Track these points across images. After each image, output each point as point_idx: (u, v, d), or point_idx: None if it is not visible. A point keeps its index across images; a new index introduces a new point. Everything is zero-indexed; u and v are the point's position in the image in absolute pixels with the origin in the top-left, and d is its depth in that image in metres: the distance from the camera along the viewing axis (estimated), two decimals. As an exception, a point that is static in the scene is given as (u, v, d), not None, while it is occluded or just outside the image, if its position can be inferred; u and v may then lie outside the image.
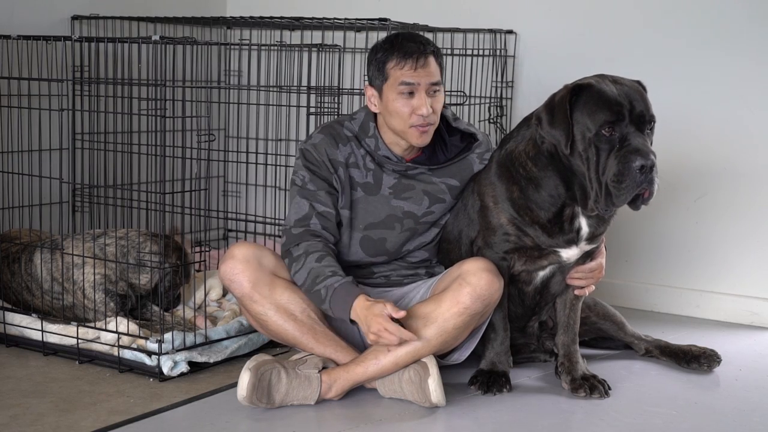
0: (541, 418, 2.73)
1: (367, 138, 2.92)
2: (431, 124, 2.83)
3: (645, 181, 2.57)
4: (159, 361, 2.92)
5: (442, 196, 2.98)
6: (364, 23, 3.78)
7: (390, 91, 2.81)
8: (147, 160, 3.96)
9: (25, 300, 3.34)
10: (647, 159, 2.55)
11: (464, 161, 3.00)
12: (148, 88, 3.14)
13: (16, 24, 3.82)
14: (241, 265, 2.78)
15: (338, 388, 2.74)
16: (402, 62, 2.79)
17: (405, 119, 2.81)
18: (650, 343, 3.28)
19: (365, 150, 2.92)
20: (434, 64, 2.82)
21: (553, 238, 2.81)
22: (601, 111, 2.61)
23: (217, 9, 4.80)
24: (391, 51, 2.81)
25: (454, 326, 2.72)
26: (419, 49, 2.79)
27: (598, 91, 2.64)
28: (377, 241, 2.94)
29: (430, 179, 2.97)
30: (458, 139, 3.00)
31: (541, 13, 4.13)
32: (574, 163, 2.68)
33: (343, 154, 2.91)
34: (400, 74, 2.79)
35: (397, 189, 2.94)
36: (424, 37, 2.87)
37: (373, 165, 2.93)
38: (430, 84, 2.80)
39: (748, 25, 3.74)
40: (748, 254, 3.83)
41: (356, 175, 2.92)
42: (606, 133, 2.60)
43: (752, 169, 3.79)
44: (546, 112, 2.72)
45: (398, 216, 2.94)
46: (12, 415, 2.59)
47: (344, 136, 2.93)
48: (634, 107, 2.61)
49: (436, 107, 2.83)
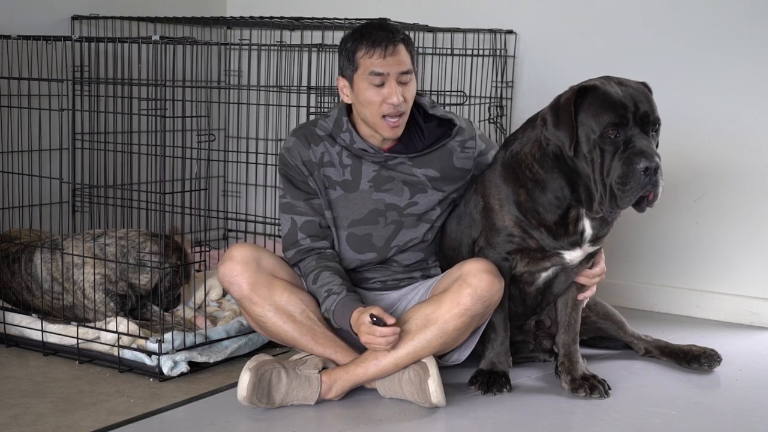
0: (541, 418, 2.73)
1: (342, 133, 2.90)
2: (402, 113, 2.82)
3: (649, 183, 2.56)
4: (159, 361, 2.92)
5: (422, 186, 2.95)
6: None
7: (360, 81, 2.80)
8: (147, 160, 3.96)
9: (25, 300, 3.34)
10: (651, 161, 2.55)
11: (443, 149, 2.96)
12: (148, 88, 3.14)
13: (16, 24, 3.82)
14: (240, 267, 2.78)
15: (338, 389, 2.73)
16: (371, 51, 2.77)
17: (376, 108, 2.79)
18: (650, 343, 3.28)
19: (341, 146, 2.91)
20: (404, 52, 2.80)
21: (558, 241, 2.81)
22: (605, 113, 2.60)
23: (217, 9, 4.80)
24: (360, 40, 2.80)
25: (455, 327, 2.72)
26: (388, 38, 2.78)
27: (603, 93, 2.63)
28: (362, 237, 2.93)
29: (411, 170, 2.93)
30: (435, 125, 2.96)
31: (541, 13, 4.13)
32: (579, 165, 2.67)
33: (316, 154, 2.90)
34: (370, 63, 2.77)
35: (377, 181, 2.92)
36: (393, 25, 2.86)
37: (350, 160, 2.91)
38: (401, 72, 2.78)
39: (749, 25, 3.74)
40: (748, 254, 3.83)
41: (332, 173, 2.91)
42: (610, 135, 2.60)
43: (753, 169, 3.79)
44: (551, 113, 2.70)
45: (381, 209, 2.92)
46: (12, 415, 2.59)
47: (317, 136, 2.92)
48: (638, 109, 2.61)
49: (407, 96, 2.81)
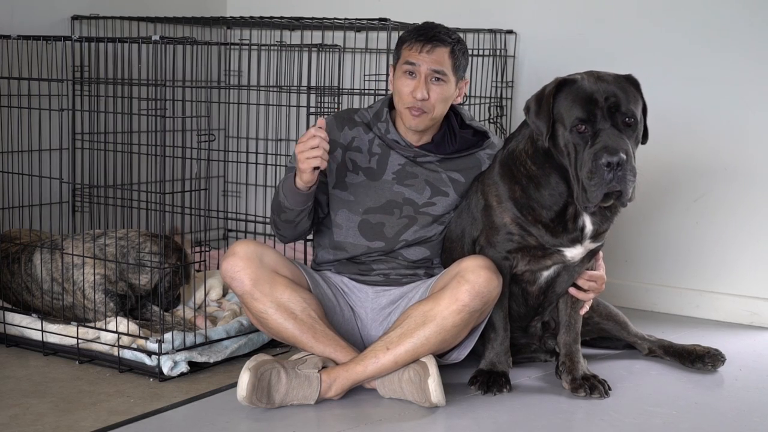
0: (541, 418, 2.72)
1: (380, 123, 3.00)
2: (425, 111, 2.87)
3: (614, 179, 2.55)
4: (159, 361, 2.92)
5: (445, 189, 2.99)
6: (364, 23, 3.78)
7: (398, 70, 2.93)
8: (147, 160, 3.96)
9: (24, 300, 3.34)
10: (613, 156, 2.53)
11: (473, 157, 3.03)
12: (148, 88, 3.14)
13: (16, 24, 3.82)
14: (243, 263, 2.79)
15: (338, 387, 2.73)
16: (412, 44, 2.90)
17: (402, 98, 2.90)
18: (653, 343, 3.28)
19: (375, 135, 3.00)
20: (444, 54, 2.88)
21: (557, 238, 2.81)
22: (574, 107, 2.63)
23: (217, 9, 4.80)
24: (409, 33, 2.94)
25: (453, 324, 2.72)
26: (434, 36, 2.88)
27: (577, 87, 2.66)
28: (375, 225, 2.97)
29: (436, 169, 3.00)
30: (470, 133, 3.05)
31: (541, 13, 4.13)
32: (560, 158, 2.70)
33: (346, 137, 2.99)
34: (408, 54, 2.89)
35: (401, 175, 2.98)
36: (450, 31, 2.95)
37: (380, 150, 2.99)
38: (432, 70, 2.86)
39: (750, 25, 3.74)
40: (748, 254, 3.83)
41: (359, 158, 2.99)
42: (579, 129, 2.62)
43: (753, 169, 3.79)
44: (535, 102, 2.76)
45: (398, 202, 2.97)
46: (12, 415, 2.59)
47: (354, 121, 3.03)
48: (609, 103, 2.61)
49: (433, 95, 2.87)
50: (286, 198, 2.85)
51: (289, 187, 2.82)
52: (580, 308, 3.01)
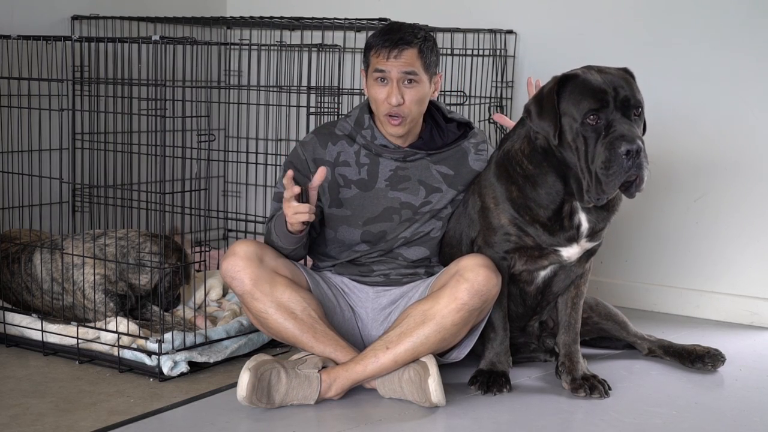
0: (541, 418, 2.72)
1: (363, 130, 2.96)
2: (403, 116, 2.86)
3: (633, 166, 2.57)
4: (159, 361, 2.92)
5: (438, 185, 2.99)
6: (364, 23, 3.78)
7: (369, 77, 2.90)
8: (147, 160, 3.96)
9: (24, 300, 3.34)
10: (632, 144, 2.55)
11: (459, 148, 3.02)
12: (148, 88, 3.14)
13: (16, 24, 3.82)
14: (243, 263, 2.79)
15: (338, 387, 2.73)
16: (378, 50, 2.86)
17: (378, 105, 2.88)
18: (653, 343, 3.28)
19: (359, 145, 2.97)
20: (412, 55, 2.84)
21: (554, 237, 2.81)
22: (585, 99, 2.63)
23: (217, 9, 4.80)
24: (375, 38, 2.89)
25: (453, 323, 2.72)
26: (400, 39, 2.83)
27: (583, 80, 2.66)
28: (377, 234, 2.98)
29: (427, 166, 2.99)
30: (455, 126, 3.04)
31: (541, 13, 4.13)
32: (566, 154, 2.70)
33: (331, 153, 2.96)
34: (376, 61, 2.86)
35: (394, 180, 2.97)
36: (415, 28, 2.90)
37: (368, 159, 2.96)
38: (403, 73, 2.83)
39: (751, 24, 3.74)
40: (748, 254, 3.83)
41: (348, 172, 2.96)
42: (591, 121, 2.62)
43: (753, 168, 3.79)
44: (535, 104, 2.75)
45: (395, 207, 2.97)
46: (12, 415, 2.59)
47: (335, 135, 2.99)
48: (618, 93, 2.63)
49: (408, 99, 2.84)
50: (280, 239, 2.86)
51: (282, 231, 2.83)
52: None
